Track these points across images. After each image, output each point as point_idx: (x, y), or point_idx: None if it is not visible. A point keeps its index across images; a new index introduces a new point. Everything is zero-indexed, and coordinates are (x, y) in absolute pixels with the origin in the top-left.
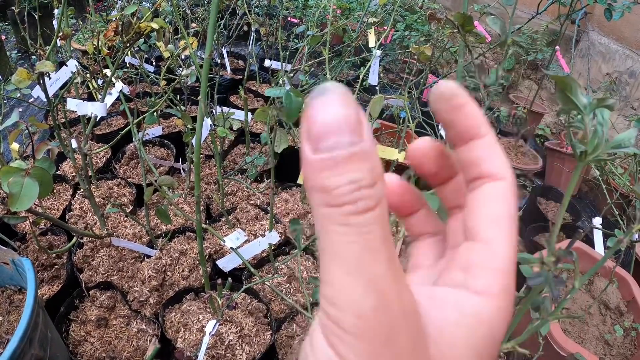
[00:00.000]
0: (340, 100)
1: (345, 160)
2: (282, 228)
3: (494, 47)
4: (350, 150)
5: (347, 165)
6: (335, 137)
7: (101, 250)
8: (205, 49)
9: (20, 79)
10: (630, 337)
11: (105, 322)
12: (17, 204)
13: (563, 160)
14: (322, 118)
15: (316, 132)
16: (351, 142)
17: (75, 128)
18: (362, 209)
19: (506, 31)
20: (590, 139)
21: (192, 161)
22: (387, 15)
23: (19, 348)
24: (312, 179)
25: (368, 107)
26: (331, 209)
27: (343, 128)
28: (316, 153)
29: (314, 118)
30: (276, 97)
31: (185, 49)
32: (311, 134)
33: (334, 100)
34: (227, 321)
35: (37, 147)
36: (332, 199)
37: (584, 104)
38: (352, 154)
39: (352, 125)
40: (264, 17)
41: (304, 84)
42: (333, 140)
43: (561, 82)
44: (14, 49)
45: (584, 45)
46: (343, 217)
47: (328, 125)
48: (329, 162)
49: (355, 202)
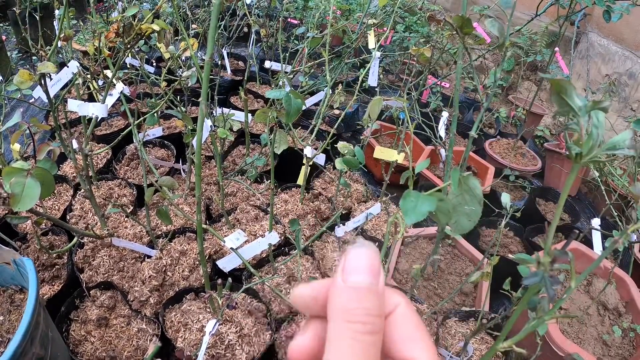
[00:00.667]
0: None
1: (364, 293)
2: (281, 229)
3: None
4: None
5: (365, 297)
6: (361, 275)
7: (102, 251)
8: (207, 52)
9: (22, 80)
10: (629, 337)
11: (106, 322)
12: (19, 205)
13: (562, 161)
14: (355, 261)
15: (348, 269)
16: (371, 282)
17: (76, 129)
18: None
19: (504, 34)
20: (586, 141)
21: (192, 162)
22: (387, 16)
23: (20, 347)
24: (338, 300)
25: (367, 108)
26: (348, 324)
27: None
28: (345, 282)
29: (350, 260)
30: (276, 98)
31: (185, 50)
32: (345, 269)
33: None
34: (227, 321)
35: (39, 148)
36: (350, 317)
37: (579, 107)
38: (369, 290)
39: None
40: (264, 18)
41: (304, 85)
42: (358, 277)
43: (556, 84)
44: (15, 50)
45: (584, 47)
46: (356, 333)
47: (358, 267)
48: (353, 291)
49: (365, 324)
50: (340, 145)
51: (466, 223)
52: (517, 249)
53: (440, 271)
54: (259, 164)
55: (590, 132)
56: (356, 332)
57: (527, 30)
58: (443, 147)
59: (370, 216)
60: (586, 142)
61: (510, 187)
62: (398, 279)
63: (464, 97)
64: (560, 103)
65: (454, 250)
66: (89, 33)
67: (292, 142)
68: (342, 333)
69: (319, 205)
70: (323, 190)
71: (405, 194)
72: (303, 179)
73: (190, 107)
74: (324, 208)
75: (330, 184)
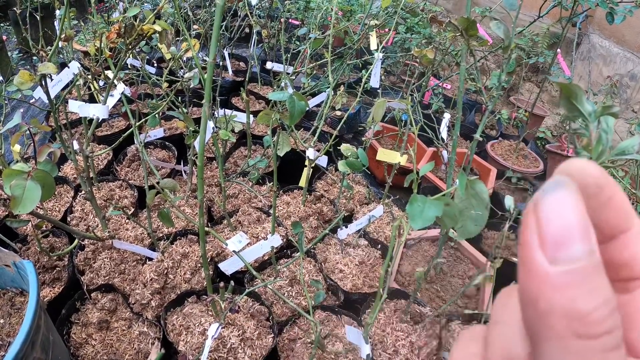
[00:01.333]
0: (578, 200)
1: (593, 274)
2: (284, 231)
3: (496, 50)
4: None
5: (595, 281)
6: (579, 244)
7: (103, 253)
8: (210, 53)
9: (22, 80)
10: None
11: (107, 325)
12: (20, 207)
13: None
14: (561, 221)
15: (554, 238)
16: (591, 250)
17: (76, 129)
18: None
19: (509, 36)
20: (595, 146)
21: (194, 163)
22: (389, 17)
23: (21, 352)
24: (549, 298)
25: (371, 110)
26: (584, 342)
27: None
28: (556, 265)
29: (550, 219)
30: (280, 100)
31: (187, 51)
32: (546, 238)
33: (572, 200)
34: (229, 324)
35: (39, 150)
36: (588, 327)
37: (588, 112)
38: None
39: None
40: (266, 19)
41: (306, 86)
42: (577, 248)
43: (566, 89)
44: (16, 50)
45: (585, 48)
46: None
47: (568, 229)
48: (578, 277)
49: (613, 332)
50: (343, 147)
51: (472, 228)
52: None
53: (443, 274)
54: (261, 166)
55: (599, 137)
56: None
57: (529, 31)
58: (445, 148)
59: (372, 218)
60: (595, 148)
61: (512, 189)
62: (401, 281)
63: (465, 98)
64: (569, 108)
65: (456, 253)
66: (90, 33)
67: (294, 144)
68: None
69: (321, 208)
70: (325, 192)
71: (411, 198)
72: (305, 181)
73: (191, 108)
74: (327, 210)
75: (332, 186)
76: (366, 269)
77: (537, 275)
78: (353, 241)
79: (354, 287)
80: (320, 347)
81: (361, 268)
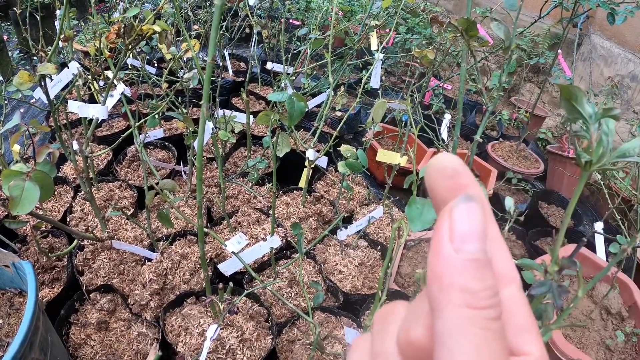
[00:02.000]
0: (482, 212)
1: (484, 266)
2: (283, 232)
3: (497, 51)
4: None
5: (485, 270)
6: (477, 243)
7: (102, 253)
8: (209, 53)
9: (21, 81)
10: (632, 342)
11: (106, 326)
12: (18, 208)
13: (565, 164)
14: (468, 223)
15: (461, 233)
16: (484, 250)
17: (76, 130)
18: (497, 314)
19: (510, 37)
20: (595, 149)
21: (193, 164)
22: (390, 18)
23: (19, 352)
24: (450, 277)
25: (371, 111)
26: (473, 310)
27: (482, 237)
28: (459, 253)
29: (460, 220)
30: (279, 101)
31: (187, 52)
32: (455, 233)
33: (478, 210)
34: (228, 325)
35: (38, 150)
36: (476, 301)
37: (589, 114)
38: (486, 262)
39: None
40: (266, 19)
41: (306, 86)
42: (475, 245)
43: (566, 90)
44: (16, 50)
45: (586, 49)
46: (484, 320)
47: (472, 230)
48: (473, 265)
49: (493, 307)
50: (343, 148)
51: None
52: (520, 253)
53: None
54: (261, 167)
55: (600, 140)
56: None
57: (530, 32)
58: (446, 149)
59: (372, 219)
60: (596, 150)
61: (512, 190)
62: (400, 282)
63: (466, 99)
64: (570, 110)
65: None
66: (90, 34)
67: (294, 145)
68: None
69: (321, 208)
70: (325, 193)
71: (410, 200)
72: (305, 181)
73: (191, 108)
74: (326, 211)
75: (332, 187)
76: (366, 270)
77: (444, 258)
78: (353, 242)
79: (353, 289)
80: (319, 349)
81: (361, 269)
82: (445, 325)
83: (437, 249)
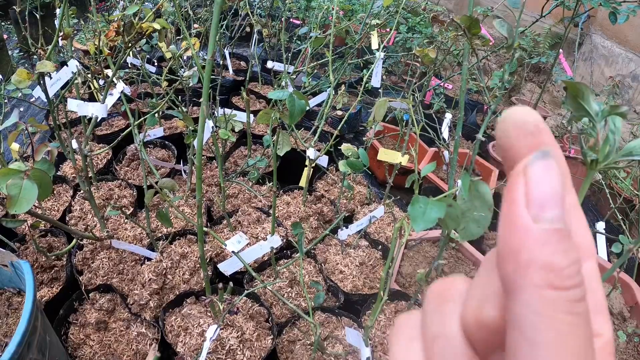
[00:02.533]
0: (560, 172)
1: (566, 237)
2: (283, 231)
3: (499, 49)
4: (567, 227)
5: (567, 242)
6: (558, 209)
7: (101, 253)
8: (208, 50)
9: (20, 79)
10: (634, 342)
11: (105, 326)
12: (16, 207)
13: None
14: (546, 186)
15: (540, 199)
16: (564, 218)
17: (76, 128)
18: (583, 295)
19: (513, 34)
20: (602, 147)
21: (193, 163)
22: (390, 17)
23: (16, 353)
24: (530, 252)
25: (372, 110)
26: (558, 292)
27: (562, 202)
28: (538, 223)
29: (538, 182)
30: (279, 99)
31: (187, 50)
32: (533, 199)
33: (556, 169)
34: (227, 325)
35: (36, 148)
36: (561, 280)
37: (595, 111)
38: (568, 231)
39: (564, 200)
40: (267, 18)
41: (306, 85)
42: (557, 212)
43: (572, 87)
44: (16, 49)
45: (587, 49)
46: (571, 303)
47: (552, 195)
48: (555, 236)
49: (580, 287)
50: (344, 147)
51: (475, 229)
52: None
53: (444, 275)
54: (261, 166)
55: (606, 138)
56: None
57: (531, 32)
58: (447, 149)
59: (373, 219)
60: (602, 149)
61: None
62: (402, 282)
63: (467, 98)
64: (576, 107)
65: (457, 254)
66: (90, 32)
67: (294, 144)
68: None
69: (322, 208)
70: (326, 193)
71: (413, 199)
72: (305, 181)
73: (191, 107)
74: (327, 210)
75: (332, 186)
76: (367, 270)
77: (521, 229)
78: (353, 242)
79: (354, 289)
80: (320, 349)
81: (362, 269)
82: (523, 310)
83: (511, 217)
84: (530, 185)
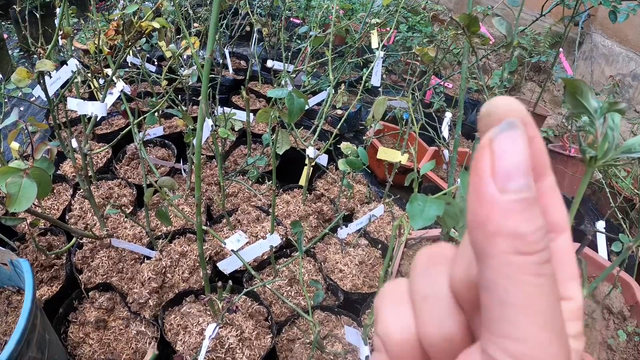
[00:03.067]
0: (526, 141)
1: (532, 205)
2: (283, 230)
3: (498, 48)
4: (533, 196)
5: (533, 210)
6: (524, 179)
7: (101, 251)
8: (207, 49)
9: (19, 78)
10: (634, 342)
11: (104, 324)
12: (15, 205)
13: (566, 163)
14: (512, 156)
15: (505, 170)
16: (531, 186)
17: (75, 127)
18: (548, 257)
19: (512, 33)
20: (601, 144)
21: (193, 162)
22: (390, 16)
23: (15, 351)
24: (497, 221)
25: (371, 108)
26: (524, 257)
27: (528, 171)
28: (504, 193)
29: (503, 154)
30: (278, 98)
31: (187, 49)
32: (499, 170)
33: (522, 139)
34: (227, 324)
35: (36, 147)
36: (526, 246)
37: (594, 108)
38: (534, 199)
39: (530, 169)
40: (267, 17)
41: (306, 84)
42: (522, 182)
43: (571, 84)
44: (16, 48)
45: (587, 48)
46: (536, 266)
47: (517, 165)
48: (521, 205)
49: (545, 250)
50: (343, 146)
51: None
52: None
53: None
54: (261, 165)
55: (605, 134)
56: (536, 266)
57: (531, 31)
58: (447, 147)
59: (373, 218)
60: (601, 145)
61: None
62: None
63: (467, 97)
64: (574, 104)
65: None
66: (90, 31)
67: (294, 143)
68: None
69: (321, 207)
70: (325, 191)
71: (412, 197)
72: (305, 179)
73: (191, 106)
74: (327, 209)
75: (332, 185)
76: (366, 268)
77: (488, 201)
78: (353, 241)
79: (353, 287)
80: (319, 348)
81: (361, 268)
82: (493, 275)
83: (478, 188)
84: (496, 156)
